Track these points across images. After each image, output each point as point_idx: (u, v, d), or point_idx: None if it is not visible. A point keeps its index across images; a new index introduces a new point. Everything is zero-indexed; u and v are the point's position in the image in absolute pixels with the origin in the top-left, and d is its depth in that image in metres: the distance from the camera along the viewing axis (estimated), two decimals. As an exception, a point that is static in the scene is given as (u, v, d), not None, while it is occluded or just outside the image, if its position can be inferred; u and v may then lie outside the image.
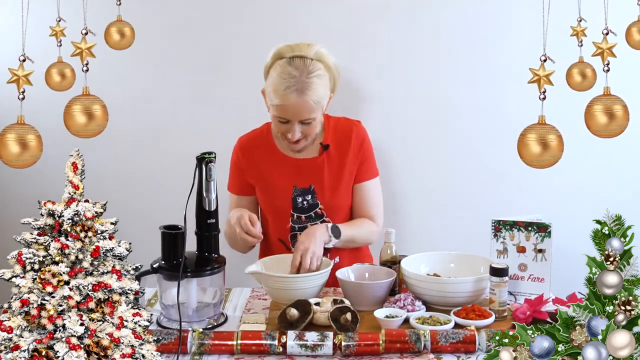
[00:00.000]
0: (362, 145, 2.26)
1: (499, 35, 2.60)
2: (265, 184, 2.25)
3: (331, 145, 2.23)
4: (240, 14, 2.62)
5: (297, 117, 2.10)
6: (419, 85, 2.65)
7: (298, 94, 2.06)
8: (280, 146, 2.26)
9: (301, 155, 2.24)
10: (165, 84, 2.67)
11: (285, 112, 2.09)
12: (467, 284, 1.86)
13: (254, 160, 2.26)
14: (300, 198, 2.21)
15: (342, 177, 2.24)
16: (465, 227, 2.65)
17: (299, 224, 2.22)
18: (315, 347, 1.61)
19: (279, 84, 2.08)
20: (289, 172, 2.23)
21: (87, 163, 1.33)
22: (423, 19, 2.62)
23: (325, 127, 2.26)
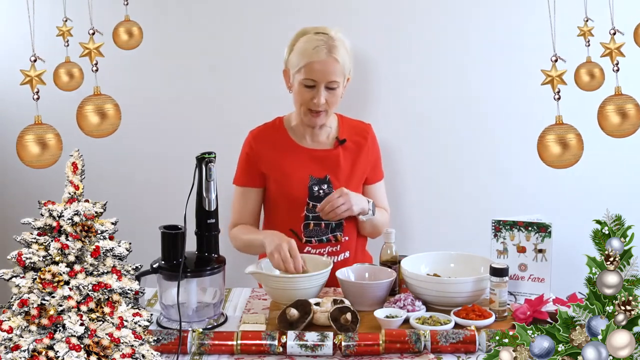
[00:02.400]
0: (375, 147, 2.36)
1: (505, 37, 2.60)
2: (280, 173, 2.27)
3: (347, 140, 2.29)
4: (243, 15, 2.63)
5: (325, 77, 2.14)
6: (418, 86, 2.65)
7: (327, 52, 2.14)
8: (295, 136, 2.30)
9: (316, 146, 2.29)
10: (165, 84, 2.67)
11: (314, 72, 2.14)
12: (467, 284, 1.86)
13: (268, 150, 2.28)
14: (316, 187, 2.24)
15: (355, 171, 2.29)
16: (465, 227, 2.65)
17: (313, 212, 2.23)
18: (315, 347, 1.61)
19: (307, 45, 2.16)
20: (304, 161, 2.26)
21: (87, 163, 1.33)
22: (424, 20, 2.62)
23: (340, 124, 2.33)
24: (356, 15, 2.61)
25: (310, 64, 2.14)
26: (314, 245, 2.23)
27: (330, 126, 2.30)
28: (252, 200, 2.30)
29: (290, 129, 2.30)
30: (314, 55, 2.13)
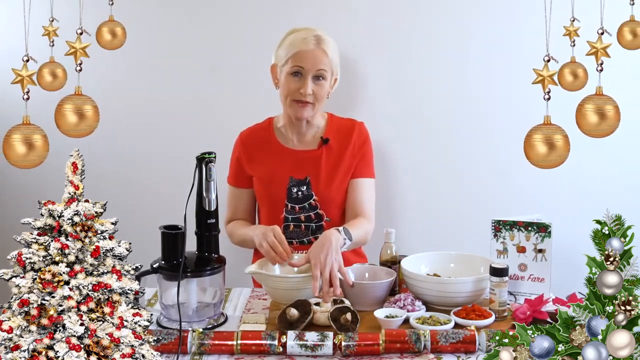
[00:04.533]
0: (364, 144, 2.31)
1: (504, 37, 2.60)
2: (263, 174, 2.28)
3: (331, 140, 2.27)
4: (244, 15, 2.63)
5: (313, 65, 2.16)
6: (418, 85, 2.65)
7: (316, 44, 2.17)
8: (280, 137, 2.30)
9: (300, 147, 2.28)
10: (165, 84, 2.67)
11: (302, 60, 2.16)
12: (467, 284, 1.86)
13: (254, 151, 2.30)
14: (295, 188, 2.24)
15: (338, 171, 2.27)
16: (465, 227, 2.65)
17: (292, 214, 2.24)
18: (315, 347, 1.61)
19: (296, 37, 2.19)
20: (286, 163, 2.27)
21: (87, 163, 1.33)
22: (422, 19, 2.62)
23: (328, 123, 2.31)
24: (355, 15, 2.61)
25: (298, 52, 2.16)
26: (295, 246, 2.24)
27: (318, 126, 2.30)
28: (243, 199, 2.33)
29: (277, 129, 2.32)
30: (302, 45, 2.16)
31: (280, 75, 2.22)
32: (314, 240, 2.23)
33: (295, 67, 2.16)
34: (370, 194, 2.31)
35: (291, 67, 2.17)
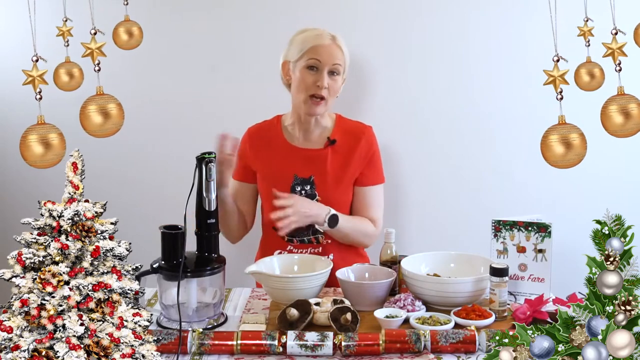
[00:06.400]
0: (371, 149, 2.30)
1: (506, 37, 2.60)
2: (267, 171, 2.28)
3: (338, 141, 2.27)
4: (244, 15, 2.63)
5: (330, 59, 2.18)
6: (419, 87, 2.65)
7: (332, 40, 2.21)
8: (287, 135, 2.30)
9: (306, 146, 2.28)
10: (165, 84, 2.67)
11: (319, 53, 2.18)
12: (467, 284, 1.86)
13: (260, 148, 2.30)
14: (298, 187, 2.24)
15: (344, 173, 2.26)
16: (465, 227, 2.65)
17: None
18: (315, 347, 1.61)
19: (310, 34, 2.22)
20: (291, 161, 2.27)
21: (87, 163, 1.33)
22: (425, 22, 2.62)
23: (336, 124, 2.31)
24: (357, 16, 2.61)
25: (315, 47, 2.18)
26: (296, 245, 2.24)
27: (325, 125, 2.29)
28: (246, 194, 2.34)
29: (284, 127, 2.32)
30: (318, 40, 2.19)
31: (294, 71, 2.22)
32: (315, 240, 2.23)
33: (311, 61, 2.18)
34: (378, 201, 2.32)
35: (307, 61, 2.18)
